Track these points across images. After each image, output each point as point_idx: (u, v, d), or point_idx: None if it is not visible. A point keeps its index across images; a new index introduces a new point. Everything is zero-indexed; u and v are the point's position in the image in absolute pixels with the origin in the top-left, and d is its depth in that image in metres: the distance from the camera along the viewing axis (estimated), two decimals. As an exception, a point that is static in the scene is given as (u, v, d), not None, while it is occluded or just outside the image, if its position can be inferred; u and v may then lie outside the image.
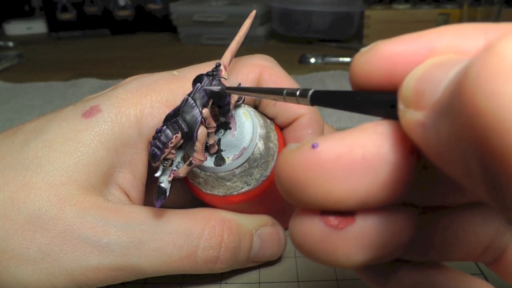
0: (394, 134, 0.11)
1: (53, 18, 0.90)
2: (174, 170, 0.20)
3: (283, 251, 0.26)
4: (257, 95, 0.18)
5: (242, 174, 0.21)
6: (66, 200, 0.20)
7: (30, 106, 0.52)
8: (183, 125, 0.19)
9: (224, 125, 0.22)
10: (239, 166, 0.21)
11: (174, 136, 0.19)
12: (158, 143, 0.19)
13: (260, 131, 0.22)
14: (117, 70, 0.68)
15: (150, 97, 0.23)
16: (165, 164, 0.20)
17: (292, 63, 0.69)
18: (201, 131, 0.19)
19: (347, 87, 0.42)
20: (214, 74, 0.20)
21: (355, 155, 0.11)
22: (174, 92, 0.23)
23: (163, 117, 0.21)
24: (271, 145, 0.22)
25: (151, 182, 0.24)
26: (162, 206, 0.20)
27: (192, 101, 0.19)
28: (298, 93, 0.14)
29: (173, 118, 0.19)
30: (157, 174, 0.20)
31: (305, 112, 0.24)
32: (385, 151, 0.11)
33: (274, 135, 0.23)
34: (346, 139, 0.12)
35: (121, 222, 0.20)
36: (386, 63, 0.12)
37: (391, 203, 0.12)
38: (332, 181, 0.11)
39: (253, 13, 0.24)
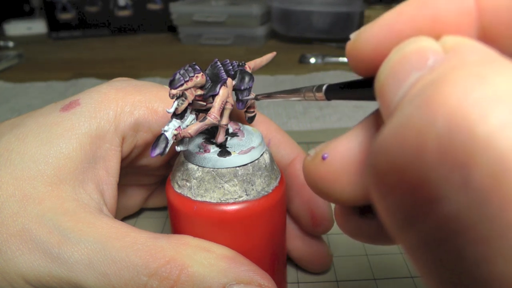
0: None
1: (53, 18, 0.90)
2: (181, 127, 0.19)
3: None
4: (282, 97, 0.19)
5: (244, 177, 0.20)
6: (30, 197, 0.19)
7: (30, 106, 0.52)
8: (208, 78, 0.19)
9: (232, 135, 0.22)
10: (243, 166, 0.20)
11: (201, 74, 0.19)
12: (184, 71, 0.18)
13: (267, 148, 0.22)
14: (117, 70, 0.68)
15: (134, 96, 0.23)
16: (180, 103, 0.18)
17: (292, 63, 0.69)
18: (224, 89, 0.19)
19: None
20: (240, 64, 0.21)
21: (361, 156, 0.12)
22: (160, 99, 0.23)
23: (141, 119, 0.21)
24: (275, 167, 0.22)
25: (123, 182, 0.24)
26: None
27: (220, 65, 0.20)
28: (314, 89, 0.16)
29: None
30: (170, 110, 0.18)
31: (296, 155, 0.25)
32: None
33: (276, 165, 0.22)
34: (351, 143, 0.13)
35: (76, 234, 0.19)
36: (374, 41, 0.12)
37: None
38: (347, 185, 0.13)
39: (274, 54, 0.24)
